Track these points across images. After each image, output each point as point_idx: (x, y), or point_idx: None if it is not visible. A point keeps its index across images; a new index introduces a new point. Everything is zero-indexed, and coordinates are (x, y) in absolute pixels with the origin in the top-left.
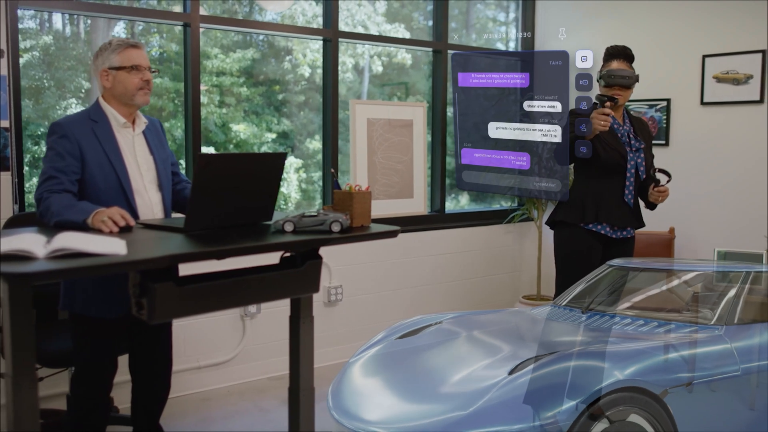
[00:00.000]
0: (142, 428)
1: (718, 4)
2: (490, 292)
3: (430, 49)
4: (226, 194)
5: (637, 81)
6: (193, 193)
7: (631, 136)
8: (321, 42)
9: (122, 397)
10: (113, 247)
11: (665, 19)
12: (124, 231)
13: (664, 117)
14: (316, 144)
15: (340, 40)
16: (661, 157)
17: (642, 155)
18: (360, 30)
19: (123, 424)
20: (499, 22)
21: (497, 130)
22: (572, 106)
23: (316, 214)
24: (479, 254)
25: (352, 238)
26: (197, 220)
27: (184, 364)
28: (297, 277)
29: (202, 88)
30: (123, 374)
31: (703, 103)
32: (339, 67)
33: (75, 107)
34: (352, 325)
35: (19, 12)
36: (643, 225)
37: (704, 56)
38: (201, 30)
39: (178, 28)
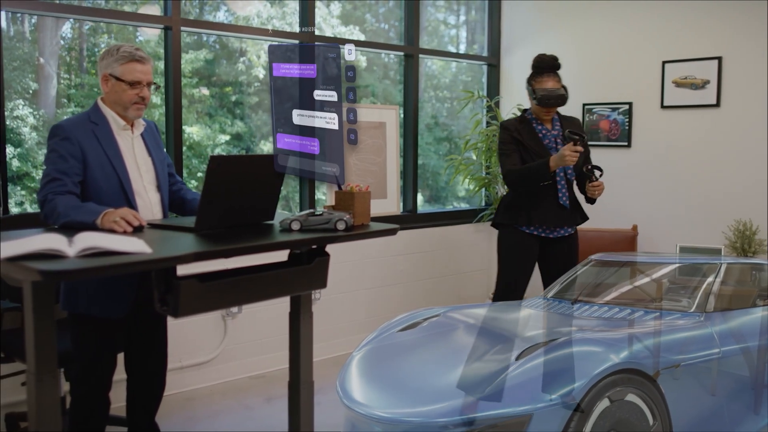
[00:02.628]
0: (139, 426)
1: (677, 13)
2: (462, 289)
3: (402, 53)
4: (234, 195)
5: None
6: (204, 194)
7: (559, 140)
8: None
9: (115, 396)
10: (137, 245)
11: (627, 26)
12: (135, 231)
13: (627, 120)
14: (269, 146)
15: (316, 44)
16: (623, 158)
17: None
18: (316, 32)
19: (118, 425)
20: (450, 25)
21: (299, 116)
22: (343, 96)
23: (321, 213)
24: (450, 253)
25: (356, 236)
26: (207, 219)
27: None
28: (308, 273)
29: (153, 88)
30: (117, 373)
31: (663, 106)
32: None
33: (22, 109)
34: (330, 323)
35: None
36: (582, 220)
37: (664, 62)
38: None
39: (130, 29)
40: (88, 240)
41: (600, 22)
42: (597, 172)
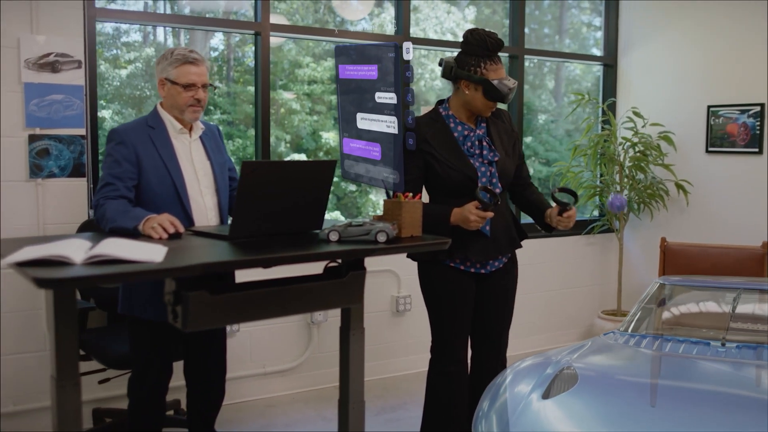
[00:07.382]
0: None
1: None
2: (568, 306)
3: (506, 54)
4: (272, 202)
5: None
6: (238, 201)
7: (485, 143)
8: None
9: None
10: (151, 254)
11: (758, 19)
12: (173, 237)
13: (758, 123)
14: None
15: (415, 46)
16: (754, 166)
17: (494, 169)
18: (449, 38)
19: (180, 426)
20: (594, 27)
21: (362, 120)
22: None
23: (362, 223)
24: (558, 266)
25: (398, 249)
26: (242, 227)
27: (250, 369)
28: (338, 288)
29: (291, 96)
30: (180, 378)
31: None
32: (427, 74)
33: None
34: (420, 335)
35: (124, 26)
36: (515, 247)
37: None
38: (285, 40)
39: (275, 40)
40: (102, 247)
41: (726, 16)
42: (567, 197)
